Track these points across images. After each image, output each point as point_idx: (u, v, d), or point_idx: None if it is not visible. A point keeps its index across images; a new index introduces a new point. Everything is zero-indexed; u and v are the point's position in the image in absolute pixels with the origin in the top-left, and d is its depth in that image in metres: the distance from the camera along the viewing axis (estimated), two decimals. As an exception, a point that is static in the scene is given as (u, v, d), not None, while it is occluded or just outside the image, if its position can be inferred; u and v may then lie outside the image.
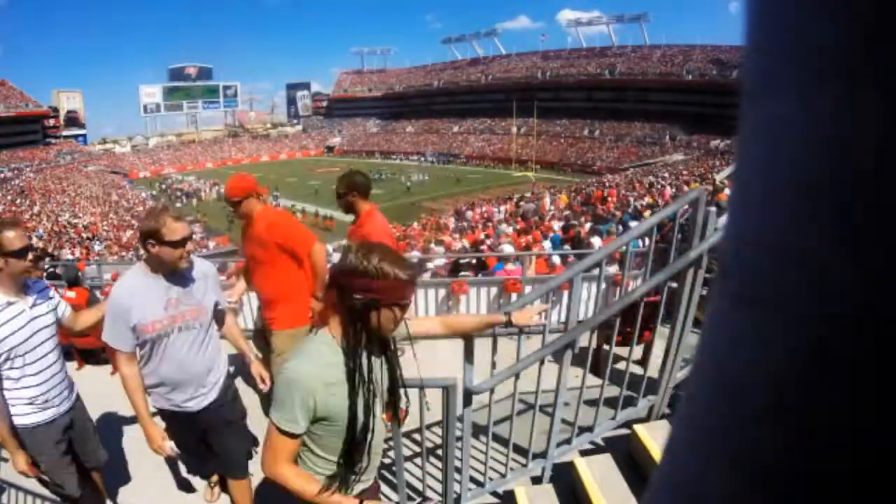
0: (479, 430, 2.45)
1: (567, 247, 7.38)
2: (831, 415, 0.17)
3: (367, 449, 1.35)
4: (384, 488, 2.38)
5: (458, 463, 2.15)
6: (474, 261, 6.24)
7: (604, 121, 51.00)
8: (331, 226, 22.65)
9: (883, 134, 0.15)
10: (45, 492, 2.61)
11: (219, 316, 2.26)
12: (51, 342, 2.06)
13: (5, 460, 3.02)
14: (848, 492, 0.17)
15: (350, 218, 3.17)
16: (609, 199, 15.72)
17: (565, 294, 3.69)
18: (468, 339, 1.96)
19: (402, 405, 1.47)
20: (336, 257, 3.67)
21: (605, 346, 3.04)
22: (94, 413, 3.55)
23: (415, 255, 6.88)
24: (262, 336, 3.18)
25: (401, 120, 71.23)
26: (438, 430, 2.46)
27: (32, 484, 2.67)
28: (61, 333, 4.31)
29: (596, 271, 2.26)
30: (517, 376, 2.09)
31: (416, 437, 2.44)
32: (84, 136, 65.24)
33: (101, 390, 3.91)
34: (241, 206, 2.63)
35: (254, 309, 4.53)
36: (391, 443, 2.06)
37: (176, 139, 71.95)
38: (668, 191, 15.71)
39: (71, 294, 4.30)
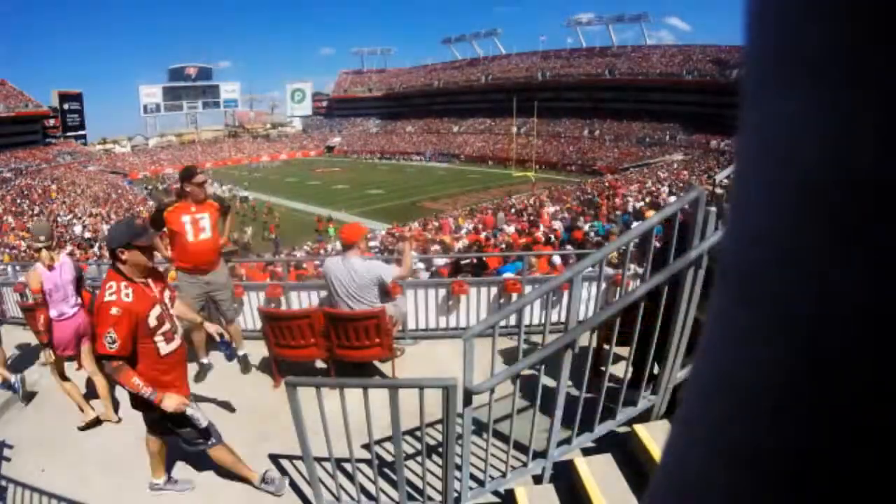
0: (479, 429, 2.45)
1: (569, 247, 7.39)
2: (832, 415, 0.17)
3: None
4: (385, 486, 2.38)
5: (458, 461, 2.15)
6: (474, 261, 6.24)
7: (604, 121, 50.97)
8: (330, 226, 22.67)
9: (883, 134, 0.15)
10: (50, 488, 2.61)
11: None
12: None
13: (7, 459, 3.03)
14: (849, 491, 0.17)
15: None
16: (616, 198, 15.74)
17: (565, 294, 3.69)
18: (468, 339, 1.96)
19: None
20: (329, 259, 3.67)
21: (605, 346, 3.04)
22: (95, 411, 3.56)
23: (413, 255, 6.87)
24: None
25: (401, 120, 71.17)
26: (439, 428, 2.46)
27: (35, 481, 2.67)
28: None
29: (596, 271, 2.26)
30: (517, 376, 2.09)
31: (417, 434, 2.45)
32: (84, 136, 65.20)
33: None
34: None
35: (254, 310, 4.53)
36: (392, 441, 2.07)
37: (176, 139, 71.92)
38: (665, 191, 15.71)
39: None
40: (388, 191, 34.25)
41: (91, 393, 3.87)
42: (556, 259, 5.74)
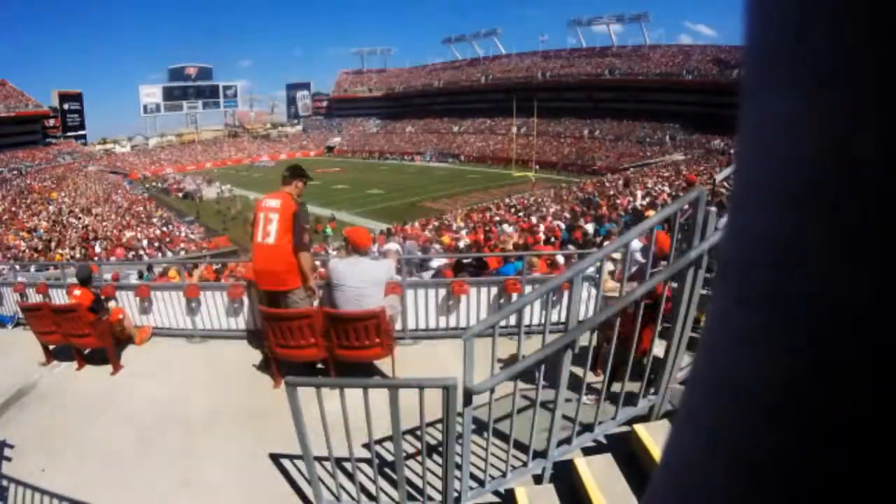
0: (480, 428, 2.45)
1: (571, 247, 7.39)
2: (831, 414, 0.17)
3: None
4: (385, 485, 2.38)
5: (458, 461, 2.15)
6: (474, 261, 6.23)
7: (604, 121, 50.97)
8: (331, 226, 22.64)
9: (883, 134, 0.15)
10: (50, 488, 2.61)
11: None
12: None
13: (7, 459, 3.03)
14: (849, 490, 0.17)
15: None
16: (618, 199, 15.74)
17: (565, 294, 3.69)
18: (468, 339, 1.97)
19: None
20: (336, 260, 3.67)
21: (605, 346, 3.04)
22: (95, 412, 3.56)
23: (417, 254, 6.87)
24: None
25: (401, 120, 71.15)
26: (439, 428, 2.46)
27: (35, 481, 2.67)
28: (60, 333, 4.32)
29: (593, 271, 2.26)
30: (517, 376, 2.09)
31: (417, 434, 2.45)
32: (84, 136, 65.22)
33: (101, 390, 3.92)
34: None
35: (254, 311, 4.53)
36: (392, 441, 2.07)
37: (176, 139, 71.95)
38: (667, 191, 15.69)
39: (77, 292, 4.32)
40: (388, 191, 34.23)
41: (93, 393, 3.87)
42: (560, 258, 5.73)
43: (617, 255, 3.87)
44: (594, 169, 40.27)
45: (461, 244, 10.36)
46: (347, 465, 2.32)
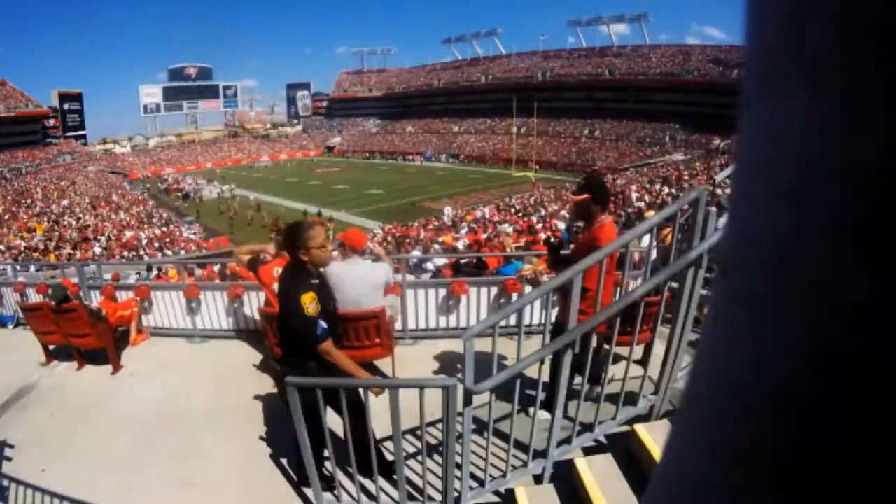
0: (479, 429, 2.45)
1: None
2: (830, 413, 0.18)
3: None
4: (384, 485, 2.38)
5: (458, 460, 2.15)
6: (474, 260, 6.24)
7: (604, 121, 50.97)
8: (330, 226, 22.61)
9: (883, 134, 0.15)
10: (51, 488, 2.61)
11: None
12: None
13: (7, 459, 3.03)
14: (848, 489, 0.17)
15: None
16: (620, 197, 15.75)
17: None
18: (468, 339, 1.97)
19: None
20: (334, 263, 3.67)
21: (605, 346, 3.04)
22: (95, 412, 3.56)
23: (415, 254, 6.87)
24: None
25: (401, 120, 71.14)
26: (440, 428, 2.46)
27: (35, 481, 2.67)
28: (59, 334, 4.31)
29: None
30: (517, 376, 2.09)
31: (417, 434, 2.45)
32: (84, 136, 65.23)
33: (101, 390, 3.92)
34: None
35: (254, 311, 4.53)
36: (392, 440, 2.07)
37: (176, 139, 71.96)
38: (666, 191, 15.71)
39: None
40: (387, 191, 34.22)
41: (93, 393, 3.87)
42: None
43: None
44: (594, 169, 40.25)
45: (460, 245, 10.36)
46: (347, 466, 2.32)
